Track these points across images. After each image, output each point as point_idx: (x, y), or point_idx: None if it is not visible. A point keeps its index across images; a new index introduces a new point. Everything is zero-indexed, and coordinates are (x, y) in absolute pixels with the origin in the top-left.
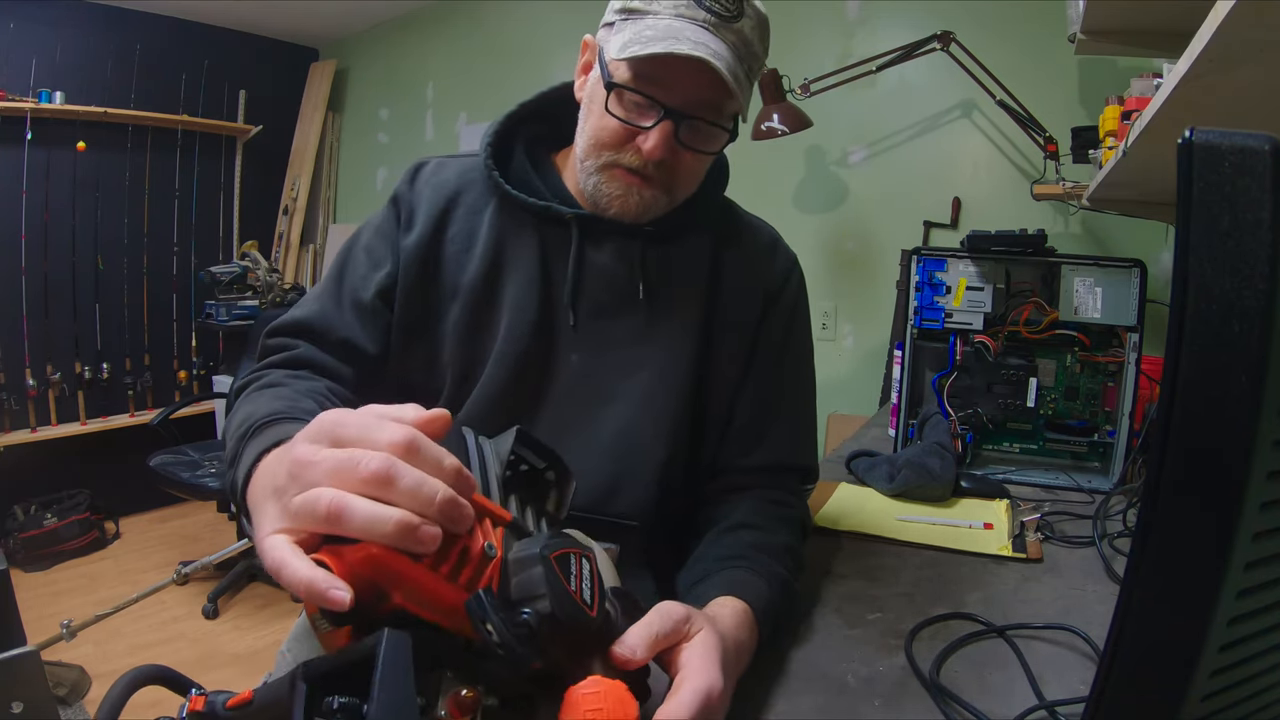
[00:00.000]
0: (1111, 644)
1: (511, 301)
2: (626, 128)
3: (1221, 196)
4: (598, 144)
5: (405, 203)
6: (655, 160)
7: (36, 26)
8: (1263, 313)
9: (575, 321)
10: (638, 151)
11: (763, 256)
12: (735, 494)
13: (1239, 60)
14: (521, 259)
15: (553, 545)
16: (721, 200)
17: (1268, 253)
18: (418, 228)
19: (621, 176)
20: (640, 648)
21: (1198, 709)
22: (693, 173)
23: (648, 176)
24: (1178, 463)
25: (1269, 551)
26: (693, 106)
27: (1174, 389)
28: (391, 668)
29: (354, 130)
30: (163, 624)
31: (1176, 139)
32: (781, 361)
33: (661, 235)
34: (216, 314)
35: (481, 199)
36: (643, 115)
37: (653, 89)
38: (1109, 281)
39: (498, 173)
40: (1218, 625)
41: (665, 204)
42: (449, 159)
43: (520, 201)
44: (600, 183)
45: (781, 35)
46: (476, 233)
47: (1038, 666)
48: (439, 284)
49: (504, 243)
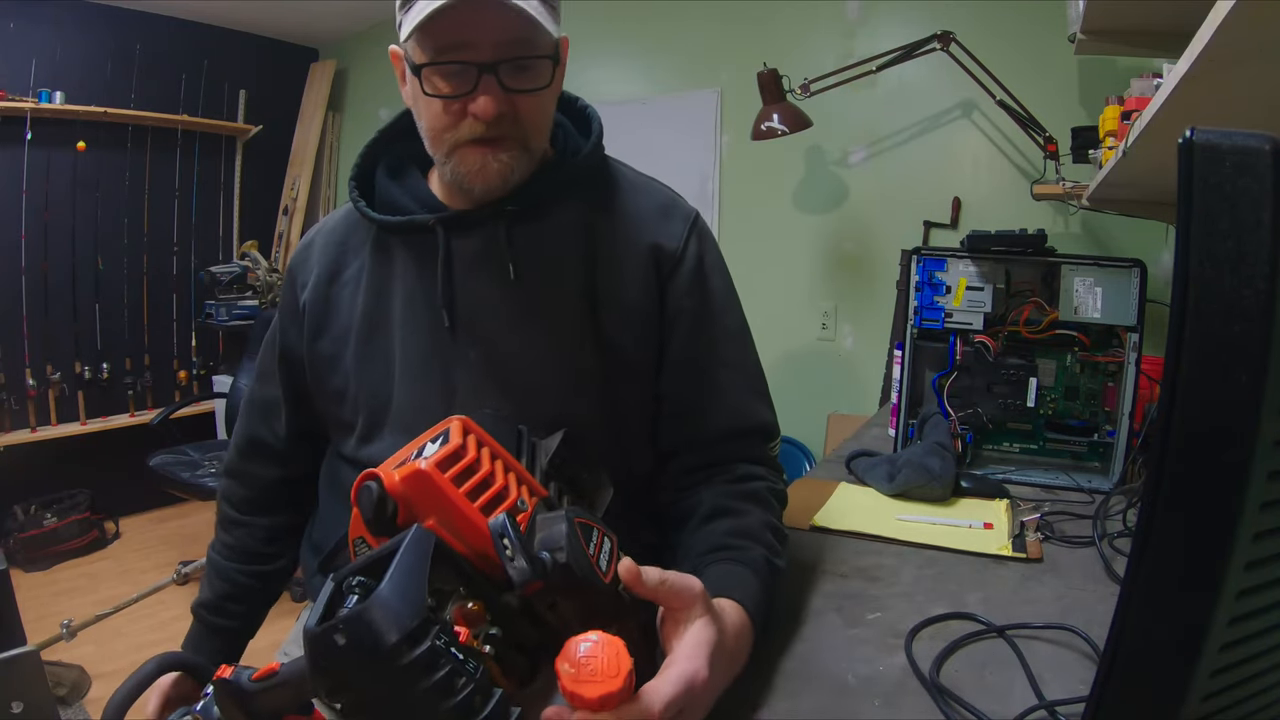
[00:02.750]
0: (1111, 644)
1: (400, 322)
2: (452, 103)
3: (1221, 196)
4: (436, 133)
5: (297, 271)
6: (492, 118)
7: (36, 26)
8: (1263, 313)
9: (451, 322)
10: (473, 119)
11: (649, 221)
12: (700, 478)
13: (1239, 60)
14: (400, 278)
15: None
16: (595, 162)
17: (1268, 253)
18: (309, 287)
19: (471, 151)
20: (650, 574)
21: (1198, 709)
22: (537, 116)
23: (494, 139)
24: (1178, 463)
25: (1269, 551)
26: (502, 50)
27: (1174, 389)
28: (411, 555)
29: (354, 130)
30: (163, 624)
31: (1176, 139)
32: (701, 325)
33: (527, 212)
34: (216, 314)
35: (364, 234)
36: (460, 84)
37: (455, 54)
38: (1109, 281)
39: (363, 203)
40: (1218, 625)
41: (526, 160)
42: (334, 212)
43: (384, 223)
44: (456, 167)
45: (781, 35)
46: (362, 267)
47: (1038, 666)
48: (333, 328)
49: (382, 268)
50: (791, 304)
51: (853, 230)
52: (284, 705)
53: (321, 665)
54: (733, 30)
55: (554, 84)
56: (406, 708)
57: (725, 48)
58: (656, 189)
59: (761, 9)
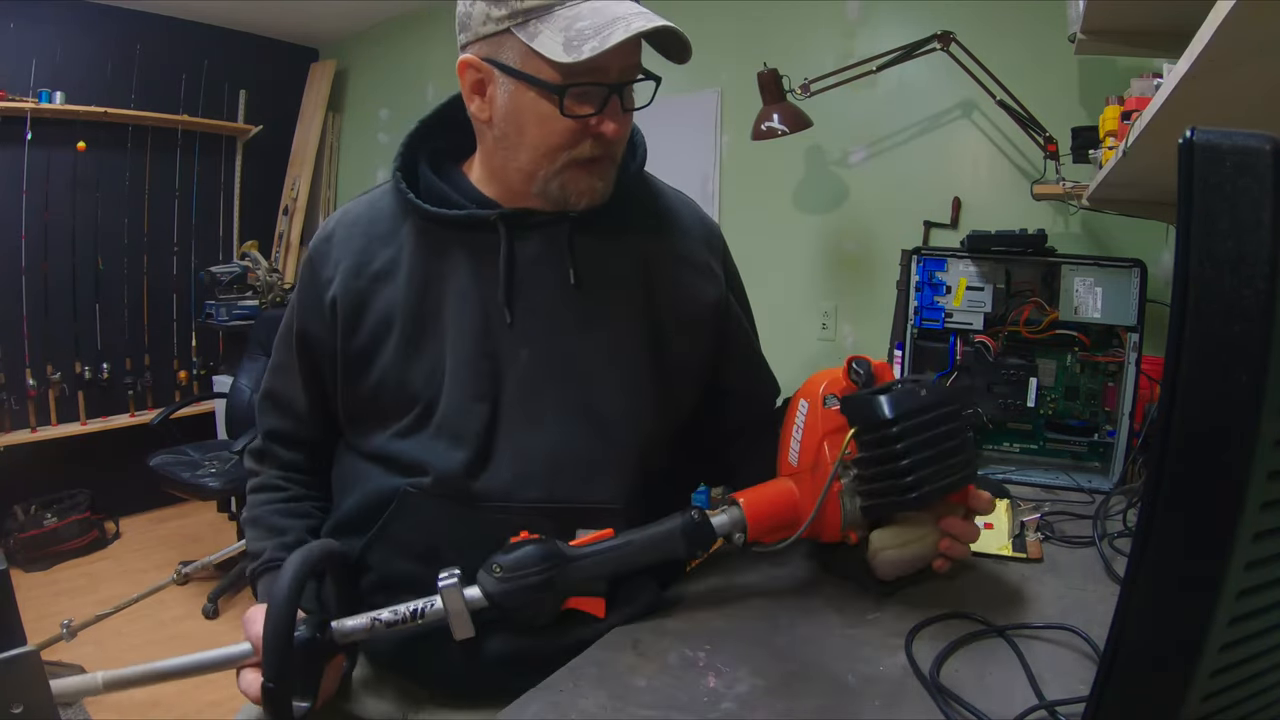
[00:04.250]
0: (1111, 644)
1: (452, 316)
2: (581, 123)
3: (1221, 196)
4: (550, 150)
5: (319, 264)
6: (624, 138)
7: (36, 26)
8: (1263, 313)
9: (512, 319)
10: (595, 139)
11: (694, 229)
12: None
13: (1239, 60)
14: (452, 273)
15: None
16: (642, 177)
17: (1268, 253)
18: (337, 281)
19: (584, 169)
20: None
21: (1198, 709)
22: (629, 133)
23: (603, 157)
24: (1178, 462)
25: (1269, 551)
26: (628, 73)
27: (1174, 389)
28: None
29: (354, 130)
30: (163, 624)
31: (1176, 139)
32: (744, 320)
33: (587, 218)
34: (216, 314)
35: (394, 224)
36: (588, 104)
37: (598, 75)
38: (1109, 281)
39: (412, 194)
40: (1218, 625)
41: (615, 172)
42: (350, 203)
43: (439, 217)
44: (565, 184)
45: (781, 35)
46: (398, 260)
47: (1038, 666)
48: (368, 323)
49: (429, 262)
50: (792, 304)
51: (853, 230)
52: (591, 579)
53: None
54: (733, 30)
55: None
56: (951, 440)
57: (725, 48)
58: (685, 198)
59: (761, 9)
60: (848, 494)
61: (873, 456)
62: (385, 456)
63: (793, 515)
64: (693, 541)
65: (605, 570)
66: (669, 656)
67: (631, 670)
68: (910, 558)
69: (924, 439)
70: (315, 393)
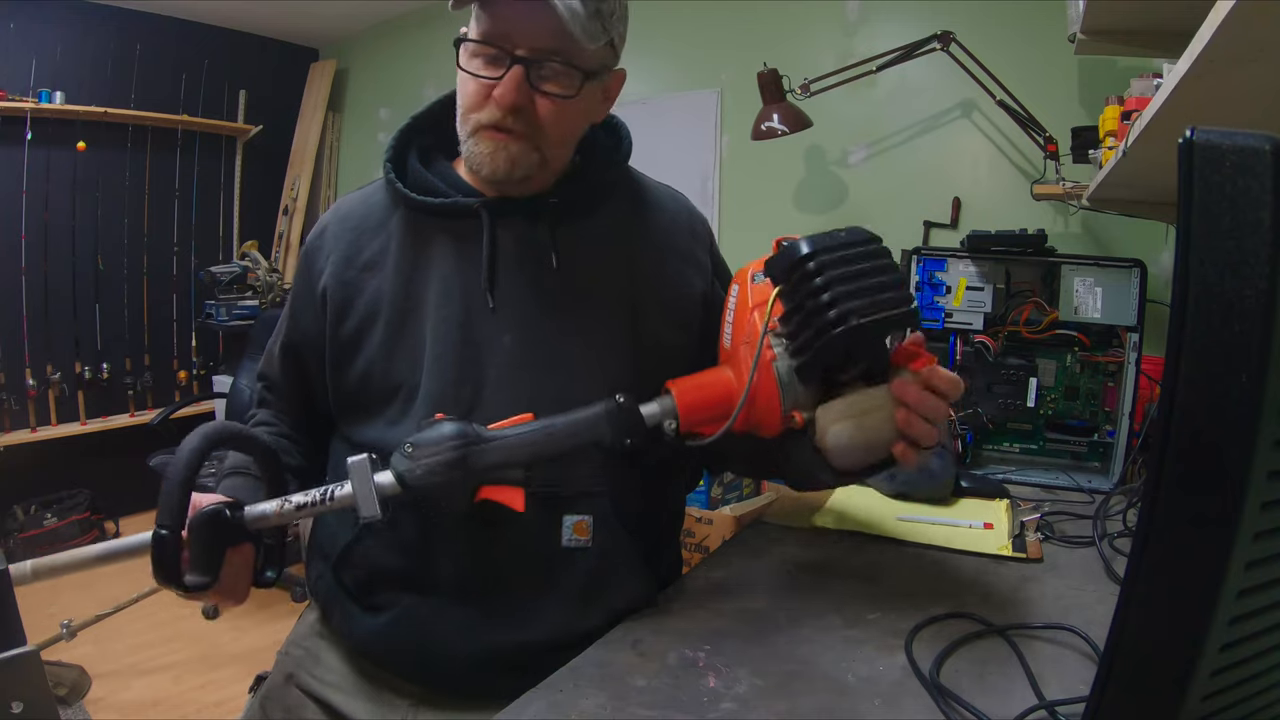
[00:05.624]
0: (1111, 644)
1: (435, 303)
2: (482, 84)
3: (1221, 196)
4: (463, 113)
5: (312, 258)
6: (508, 106)
7: (36, 26)
8: (1263, 313)
9: (494, 306)
10: (494, 104)
11: (680, 222)
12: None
13: (1239, 60)
14: (436, 259)
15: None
16: (625, 171)
17: (1268, 253)
18: (327, 272)
19: (487, 136)
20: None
21: (1198, 709)
22: (557, 124)
23: (509, 129)
24: (1178, 462)
25: (1269, 551)
26: (538, 52)
27: (1174, 389)
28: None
29: (354, 130)
30: (163, 624)
31: (1176, 139)
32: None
33: (569, 208)
34: (216, 314)
35: (384, 216)
36: (492, 69)
37: (499, 39)
38: (1109, 281)
39: (400, 183)
40: (1218, 625)
41: (536, 160)
42: (345, 198)
43: (424, 205)
44: (472, 147)
45: (781, 35)
46: (386, 249)
47: (1038, 666)
48: (356, 311)
49: (415, 251)
50: None
51: None
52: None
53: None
54: (733, 30)
55: (581, 98)
56: (878, 274)
57: (725, 48)
58: (672, 191)
59: (761, 9)
60: (781, 363)
61: (797, 305)
62: (373, 445)
63: (728, 402)
64: (618, 428)
65: (524, 455)
66: (669, 656)
67: (631, 670)
68: (865, 435)
69: (844, 272)
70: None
